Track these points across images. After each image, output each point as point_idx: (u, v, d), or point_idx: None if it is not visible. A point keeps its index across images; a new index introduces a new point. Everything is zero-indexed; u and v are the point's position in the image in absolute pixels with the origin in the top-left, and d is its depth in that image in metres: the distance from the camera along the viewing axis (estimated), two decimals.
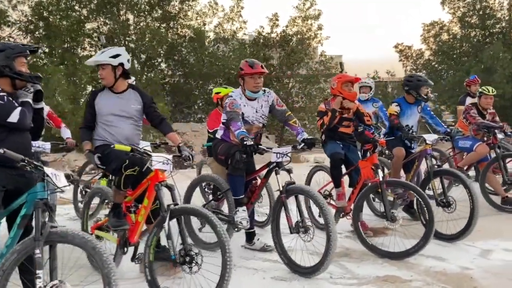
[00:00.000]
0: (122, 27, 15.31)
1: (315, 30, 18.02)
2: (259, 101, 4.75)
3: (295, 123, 4.82)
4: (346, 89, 5.45)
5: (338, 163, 5.29)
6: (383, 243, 5.10)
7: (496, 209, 6.77)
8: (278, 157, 4.46)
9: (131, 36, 15.63)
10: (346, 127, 5.54)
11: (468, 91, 8.73)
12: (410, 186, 4.87)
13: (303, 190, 4.31)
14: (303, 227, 4.29)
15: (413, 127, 6.07)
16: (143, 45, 15.95)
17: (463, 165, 7.17)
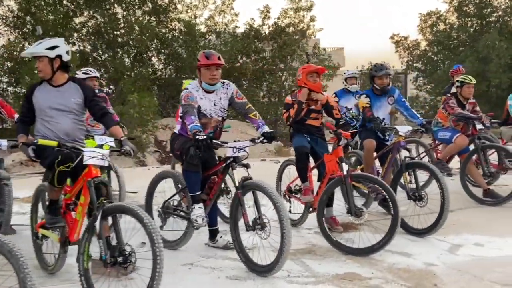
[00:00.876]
0: (109, 21, 15.12)
1: (308, 21, 17.79)
2: (217, 94, 4.59)
3: (255, 116, 4.66)
4: (311, 79, 5.29)
5: (304, 157, 5.14)
6: (352, 239, 4.96)
7: (477, 201, 6.60)
8: (235, 152, 4.31)
9: (120, 30, 15.43)
10: (314, 119, 5.38)
11: (453, 81, 8.53)
12: (374, 179, 4.71)
13: (259, 186, 4.15)
14: (260, 224, 4.14)
15: (385, 119, 5.89)
16: (132, 39, 15.78)
17: (443, 157, 7.00)
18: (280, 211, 3.99)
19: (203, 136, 4.08)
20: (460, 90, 6.79)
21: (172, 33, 16.94)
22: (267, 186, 4.13)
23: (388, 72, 5.77)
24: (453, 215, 6.08)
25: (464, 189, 6.70)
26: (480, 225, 5.57)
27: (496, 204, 6.45)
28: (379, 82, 5.77)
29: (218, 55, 4.50)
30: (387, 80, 5.79)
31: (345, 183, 4.69)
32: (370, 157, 5.72)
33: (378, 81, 5.78)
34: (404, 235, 5.21)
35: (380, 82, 5.77)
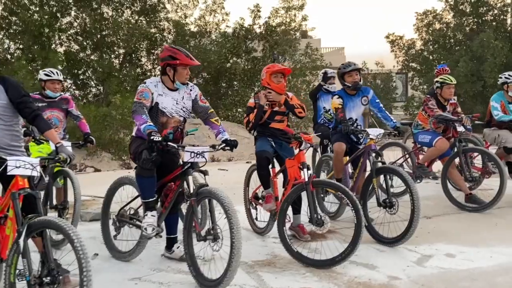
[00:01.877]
0: (95, 20, 14.86)
1: (300, 21, 17.52)
2: (180, 92, 4.33)
3: (217, 122, 4.41)
4: (275, 80, 5.03)
5: (264, 163, 4.86)
6: (319, 249, 4.68)
7: (457, 207, 6.32)
8: (192, 157, 4.03)
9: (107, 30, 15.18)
10: (279, 122, 5.10)
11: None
12: (337, 186, 4.43)
13: (213, 193, 3.89)
14: (213, 235, 3.87)
15: (358, 120, 5.62)
16: (121, 40, 15.53)
17: (423, 161, 6.72)
18: (230, 219, 3.73)
19: (158, 137, 3.82)
20: (440, 91, 6.51)
21: (161, 34, 16.68)
22: (221, 193, 3.86)
23: (356, 67, 5.52)
24: (430, 222, 5.84)
25: (445, 194, 6.42)
26: (455, 234, 5.29)
27: (477, 210, 6.16)
28: (350, 79, 5.51)
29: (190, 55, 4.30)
30: (358, 76, 5.54)
31: (307, 190, 4.42)
32: (339, 161, 5.45)
33: (348, 78, 5.52)
34: (374, 245, 4.95)
35: (350, 79, 5.51)
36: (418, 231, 5.36)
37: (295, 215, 5.10)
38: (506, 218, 5.87)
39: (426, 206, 6.58)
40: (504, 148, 6.71)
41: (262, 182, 4.99)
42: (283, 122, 5.14)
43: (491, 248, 4.78)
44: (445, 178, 6.45)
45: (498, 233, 5.28)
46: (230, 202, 3.82)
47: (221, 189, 3.92)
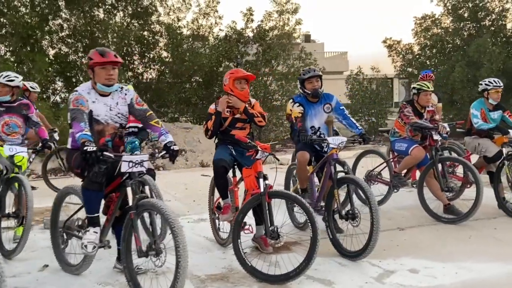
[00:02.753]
0: (85, 23, 14.71)
1: (293, 25, 17.29)
2: (114, 98, 4.11)
3: (157, 124, 4.19)
4: (238, 86, 4.84)
5: (221, 172, 4.66)
6: (279, 262, 4.48)
7: (433, 218, 6.10)
8: (130, 167, 3.83)
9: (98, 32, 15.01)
10: (240, 130, 4.91)
11: None
12: (292, 197, 4.22)
13: (154, 206, 3.69)
14: (155, 249, 3.68)
15: (320, 129, 5.41)
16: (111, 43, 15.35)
17: (399, 170, 6.51)
18: (176, 236, 3.54)
19: (92, 147, 3.61)
20: (417, 98, 6.30)
21: (153, 37, 16.50)
22: (163, 206, 3.67)
23: (316, 74, 5.31)
24: (403, 234, 5.63)
25: (421, 204, 6.20)
26: (425, 247, 5.07)
27: (453, 222, 5.94)
28: (310, 86, 5.31)
29: (115, 53, 4.03)
30: (318, 83, 5.33)
31: (262, 201, 4.22)
32: (303, 171, 5.24)
33: (308, 85, 5.32)
34: (337, 258, 4.74)
35: (310, 86, 5.31)
36: (388, 243, 5.20)
37: (258, 226, 4.91)
38: (482, 231, 5.64)
39: (402, 216, 6.41)
40: (484, 157, 6.49)
41: (219, 192, 4.80)
42: (245, 130, 4.95)
43: (458, 263, 4.56)
44: (421, 188, 6.23)
45: (470, 247, 5.05)
46: (175, 217, 3.62)
47: (164, 203, 3.72)
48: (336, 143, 4.93)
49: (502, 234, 5.47)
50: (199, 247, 5.17)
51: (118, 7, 16.19)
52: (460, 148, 7.46)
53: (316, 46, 47.19)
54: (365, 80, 19.21)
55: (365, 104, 18.67)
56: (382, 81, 19.63)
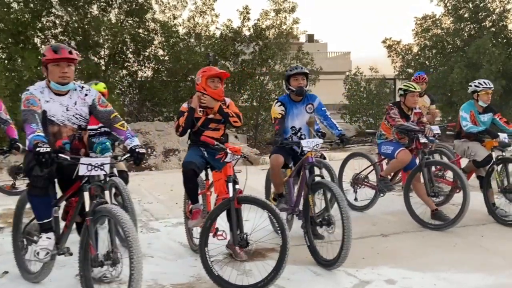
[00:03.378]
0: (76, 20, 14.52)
1: (291, 24, 17.06)
2: (71, 97, 3.88)
3: (122, 127, 3.97)
4: (211, 85, 4.63)
5: (190, 175, 4.44)
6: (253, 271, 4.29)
7: (419, 225, 5.88)
8: (89, 170, 3.62)
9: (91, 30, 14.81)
10: (214, 130, 4.70)
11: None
12: (261, 202, 4.00)
13: (111, 213, 3.48)
14: (112, 259, 3.47)
15: (301, 129, 5.20)
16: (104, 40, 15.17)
17: (385, 174, 6.30)
18: (130, 246, 3.33)
19: (46, 148, 3.39)
20: (404, 99, 6.08)
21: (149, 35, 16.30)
22: (120, 214, 3.45)
23: (302, 71, 5.11)
24: (385, 240, 5.42)
25: (407, 209, 5.99)
26: (407, 255, 4.86)
27: (439, 228, 5.72)
28: (295, 83, 5.10)
29: (70, 49, 3.79)
30: (304, 81, 5.12)
31: (231, 207, 4.01)
32: (276, 175, 5.04)
33: (293, 82, 5.12)
34: (313, 267, 4.54)
35: (295, 83, 5.10)
36: (368, 251, 5.00)
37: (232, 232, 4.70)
38: (468, 238, 5.42)
39: (388, 222, 6.20)
40: (473, 161, 6.27)
41: (189, 196, 4.60)
42: (219, 131, 4.74)
43: (438, 273, 4.34)
44: (407, 192, 6.02)
45: (453, 256, 4.84)
46: (131, 226, 3.41)
47: (121, 210, 3.51)
48: (310, 146, 4.72)
49: (488, 242, 5.25)
50: (171, 253, 4.98)
51: (113, 4, 16.00)
52: (450, 151, 7.23)
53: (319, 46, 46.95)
54: (363, 81, 18.94)
55: (362, 105, 18.42)
56: (381, 81, 19.36)
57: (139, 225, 6.10)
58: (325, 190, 4.57)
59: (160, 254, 4.94)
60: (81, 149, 3.96)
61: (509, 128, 6.29)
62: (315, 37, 49.25)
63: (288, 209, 5.13)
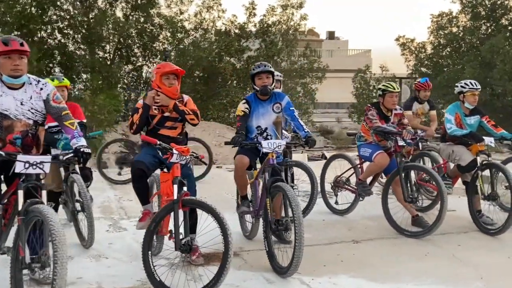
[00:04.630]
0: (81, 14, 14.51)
1: (298, 20, 16.82)
2: (27, 91, 3.75)
3: (71, 125, 3.83)
4: (166, 82, 4.46)
5: (137, 175, 4.27)
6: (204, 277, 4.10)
7: (396, 231, 5.63)
8: (27, 167, 3.49)
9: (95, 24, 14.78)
10: (170, 129, 4.52)
11: (416, 95, 7.47)
12: (205, 205, 3.82)
13: (41, 213, 3.34)
14: (40, 262, 3.33)
15: (267, 129, 4.99)
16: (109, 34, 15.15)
17: (364, 178, 6.04)
18: (55, 250, 3.17)
19: None
20: (382, 100, 5.81)
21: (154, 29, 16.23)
22: (50, 215, 3.30)
23: (266, 69, 4.87)
24: (355, 247, 5.19)
25: (385, 214, 5.74)
26: (373, 264, 4.62)
27: (415, 236, 5.46)
28: (259, 82, 4.88)
29: (22, 41, 3.66)
30: (269, 80, 4.89)
31: (174, 210, 3.84)
32: (240, 177, 4.84)
33: (258, 81, 4.89)
34: (267, 274, 4.34)
35: (260, 82, 4.87)
36: (333, 258, 4.79)
37: (190, 234, 4.52)
38: (443, 247, 5.15)
39: (365, 227, 5.96)
40: (457, 166, 5.97)
41: (138, 197, 4.44)
42: (176, 129, 4.55)
43: (400, 284, 4.12)
44: (385, 197, 5.77)
45: (421, 266, 4.59)
46: (59, 229, 3.25)
47: (52, 211, 3.37)
48: (271, 147, 4.51)
49: (463, 252, 4.97)
50: (127, 255, 4.83)
51: None
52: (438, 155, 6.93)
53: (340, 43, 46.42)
54: (372, 79, 18.58)
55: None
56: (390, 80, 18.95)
57: (108, 223, 6.03)
58: (283, 194, 4.35)
59: (116, 255, 4.81)
60: (33, 147, 3.83)
61: (497, 132, 5.98)
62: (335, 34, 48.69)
63: (250, 212, 4.94)
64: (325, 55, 39.82)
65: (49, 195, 5.32)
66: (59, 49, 15.08)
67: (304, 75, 16.93)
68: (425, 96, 7.39)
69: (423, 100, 7.42)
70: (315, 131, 19.01)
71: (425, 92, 7.37)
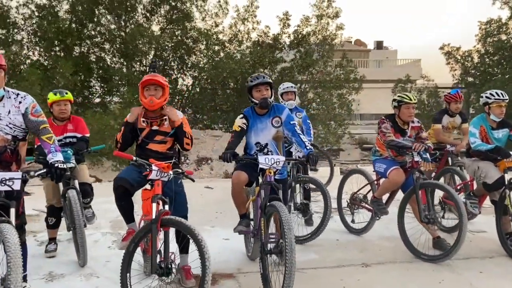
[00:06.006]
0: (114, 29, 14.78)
1: (333, 30, 16.40)
2: (5, 105, 3.64)
3: (49, 140, 3.69)
4: (146, 94, 4.25)
5: (119, 193, 4.07)
6: None
7: (413, 254, 5.19)
8: None
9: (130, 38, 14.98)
10: (159, 143, 4.32)
11: (447, 108, 6.97)
12: (184, 226, 3.56)
13: (2, 233, 3.18)
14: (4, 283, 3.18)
15: (268, 145, 4.69)
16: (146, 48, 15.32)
17: (379, 195, 5.64)
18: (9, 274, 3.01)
19: None
20: (398, 112, 5.40)
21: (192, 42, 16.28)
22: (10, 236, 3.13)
23: (265, 81, 4.58)
24: (362, 271, 4.82)
25: (401, 236, 5.30)
26: None
27: (432, 260, 4.99)
28: (258, 95, 4.59)
29: None
30: (268, 92, 4.60)
31: (152, 231, 3.61)
32: (237, 194, 4.55)
33: (256, 93, 4.60)
34: None
35: (258, 95, 4.59)
36: (335, 283, 4.46)
37: (182, 254, 4.31)
38: (462, 274, 4.66)
39: (380, 249, 5.54)
40: (483, 184, 5.45)
41: (122, 216, 4.24)
42: (165, 144, 4.34)
43: None
44: (401, 217, 5.33)
45: None
46: (15, 251, 3.08)
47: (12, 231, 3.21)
48: (268, 164, 4.22)
49: (483, 281, 4.48)
50: None
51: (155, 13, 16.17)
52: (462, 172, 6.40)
53: (388, 53, 45.41)
54: (412, 89, 17.87)
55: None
56: (432, 91, 18.16)
57: (113, 239, 5.89)
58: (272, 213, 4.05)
59: (108, 275, 4.63)
60: (12, 163, 3.72)
61: None
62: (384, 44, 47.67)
63: (248, 232, 4.65)
64: (372, 65, 38.98)
65: (51, 210, 5.29)
66: (97, 63, 15.39)
67: (341, 86, 16.47)
68: (457, 109, 6.87)
69: (454, 112, 6.90)
70: (354, 143, 18.47)
71: (456, 104, 6.84)
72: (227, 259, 5.11)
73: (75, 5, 14.55)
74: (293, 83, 6.96)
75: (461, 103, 6.94)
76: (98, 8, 15.03)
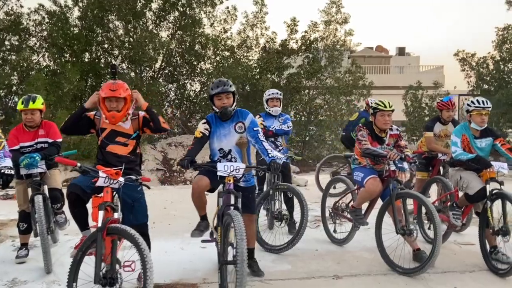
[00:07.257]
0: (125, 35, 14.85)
1: (342, 35, 16.17)
2: None
3: None
4: (107, 104, 4.16)
5: (72, 199, 3.99)
6: None
7: (389, 266, 5.01)
8: None
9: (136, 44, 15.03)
10: (121, 145, 4.22)
11: (440, 115, 6.77)
12: (129, 235, 3.48)
13: None
14: None
15: (231, 152, 4.59)
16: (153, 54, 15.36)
17: (357, 205, 5.48)
18: None
19: None
20: (374, 119, 5.24)
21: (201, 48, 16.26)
22: None
23: (225, 90, 4.48)
24: (332, 284, 4.69)
25: (378, 247, 5.14)
26: None
27: (407, 273, 4.81)
28: (219, 103, 4.51)
29: None
30: (229, 100, 4.51)
31: (97, 240, 3.53)
32: (197, 198, 4.44)
33: (217, 101, 4.52)
34: None
35: (219, 103, 4.51)
36: None
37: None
38: None
39: (357, 260, 5.38)
40: (465, 194, 5.25)
41: (76, 223, 4.17)
42: (127, 146, 4.24)
43: None
44: (378, 228, 5.16)
45: None
46: None
47: None
48: (227, 171, 4.12)
49: None
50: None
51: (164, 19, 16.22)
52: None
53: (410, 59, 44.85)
54: (423, 96, 17.50)
55: (421, 123, 16.90)
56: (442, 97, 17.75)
57: None
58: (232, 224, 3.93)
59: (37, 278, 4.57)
60: None
61: None
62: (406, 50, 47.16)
63: (212, 241, 4.53)
64: (394, 71, 38.51)
65: (22, 216, 5.26)
66: (106, 68, 15.48)
67: (349, 92, 16.23)
68: (449, 117, 6.66)
69: (447, 120, 6.69)
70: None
71: (448, 112, 6.64)
72: (196, 268, 5.02)
73: (85, 11, 14.72)
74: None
75: (453, 111, 6.73)
76: (107, 14, 15.15)
